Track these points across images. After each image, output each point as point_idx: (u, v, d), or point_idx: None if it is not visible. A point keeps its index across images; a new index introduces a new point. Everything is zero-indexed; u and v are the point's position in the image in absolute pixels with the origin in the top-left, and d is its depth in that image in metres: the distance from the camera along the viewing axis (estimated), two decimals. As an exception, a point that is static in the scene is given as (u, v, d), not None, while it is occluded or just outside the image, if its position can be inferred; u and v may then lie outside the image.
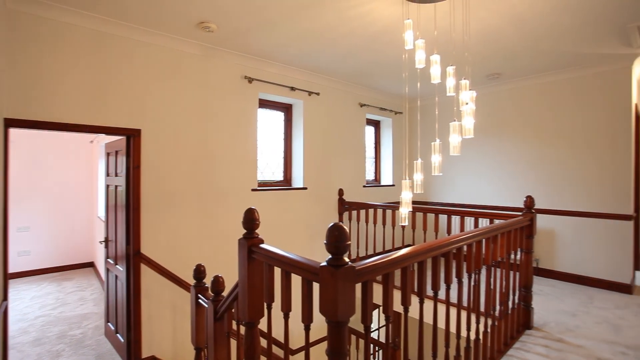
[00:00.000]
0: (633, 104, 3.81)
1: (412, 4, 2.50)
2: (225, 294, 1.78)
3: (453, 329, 2.83)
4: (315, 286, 1.18)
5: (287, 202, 4.02)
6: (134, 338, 2.89)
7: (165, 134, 3.09)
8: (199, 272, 1.97)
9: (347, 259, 1.12)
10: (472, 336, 2.73)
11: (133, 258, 2.90)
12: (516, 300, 2.85)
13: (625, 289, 3.74)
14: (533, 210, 2.76)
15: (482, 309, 2.35)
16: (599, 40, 3.24)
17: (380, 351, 4.88)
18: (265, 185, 3.99)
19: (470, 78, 4.36)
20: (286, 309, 1.37)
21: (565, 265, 4.17)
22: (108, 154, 3.45)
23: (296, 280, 1.34)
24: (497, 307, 2.49)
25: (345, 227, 1.11)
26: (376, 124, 5.55)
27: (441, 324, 3.54)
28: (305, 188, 4.17)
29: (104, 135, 3.19)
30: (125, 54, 2.86)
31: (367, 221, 4.14)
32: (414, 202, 5.61)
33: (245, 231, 1.52)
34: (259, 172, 3.99)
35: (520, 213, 2.81)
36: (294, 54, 3.56)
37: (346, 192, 4.66)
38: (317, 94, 4.28)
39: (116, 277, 3.18)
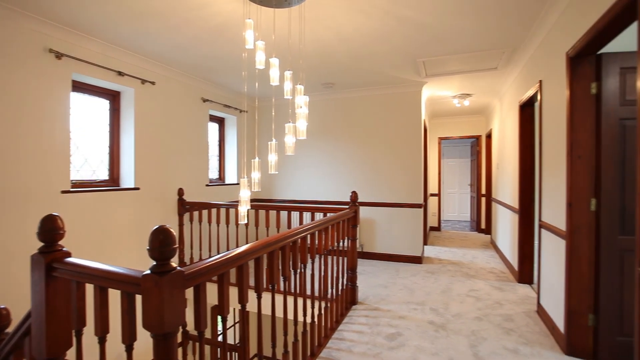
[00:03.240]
0: (422, 119, 4.99)
1: (253, 4, 2.54)
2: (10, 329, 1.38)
3: (292, 317, 3.04)
4: (139, 299, 1.05)
5: (114, 205, 3.44)
6: None
7: None
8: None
9: (174, 264, 1.04)
10: (309, 320, 3.01)
11: None
12: (345, 282, 3.30)
13: (417, 260, 4.88)
14: (357, 204, 3.25)
15: (317, 294, 2.61)
16: (401, 67, 4.09)
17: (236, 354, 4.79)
18: (83, 186, 3.29)
19: (306, 84, 4.79)
20: (102, 332, 1.17)
21: (382, 247, 5.10)
22: None
23: (116, 296, 1.16)
24: (330, 291, 2.82)
25: (171, 229, 1.02)
26: (221, 121, 5.40)
27: (285, 315, 3.75)
28: (137, 188, 3.66)
29: None
30: None
31: (210, 221, 3.97)
32: (258, 200, 5.77)
33: (42, 244, 1.21)
34: (73, 169, 3.26)
35: (347, 206, 3.27)
36: (124, 33, 3.06)
37: (188, 192, 4.35)
38: (153, 83, 3.82)
39: None
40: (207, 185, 4.76)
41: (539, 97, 3.11)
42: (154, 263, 1.01)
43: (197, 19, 2.82)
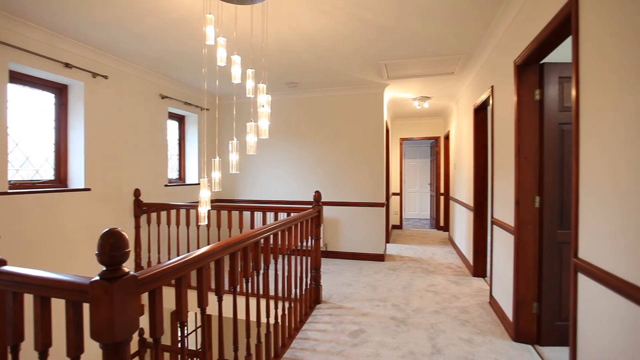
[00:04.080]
0: (384, 120, 5.13)
1: (214, -1, 2.47)
2: None
3: (255, 318, 2.99)
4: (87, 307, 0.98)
5: (62, 208, 3.19)
6: None
7: None
8: None
9: (126, 269, 0.98)
10: (272, 321, 2.98)
11: None
12: (309, 281, 3.31)
13: (380, 257, 5.01)
14: (320, 203, 3.27)
15: (280, 294, 2.60)
16: (364, 69, 4.17)
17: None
18: (23, 187, 3.02)
19: (270, 83, 4.74)
20: (43, 345, 1.08)
21: (345, 246, 5.17)
22: None
23: (60, 306, 1.08)
24: (294, 291, 2.81)
25: (123, 232, 0.97)
26: (181, 119, 5.20)
27: (247, 317, 3.68)
28: (87, 189, 3.43)
29: None
30: None
31: (169, 223, 3.81)
32: (221, 201, 5.63)
33: (-29, 252, 1.09)
34: (11, 169, 2.99)
35: (311, 206, 3.28)
36: (73, 22, 2.85)
37: (145, 193, 4.14)
38: (105, 77, 3.59)
39: None
40: (166, 185, 4.56)
41: (491, 102, 3.31)
42: (104, 269, 0.95)
43: (154, 11, 2.69)
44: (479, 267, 4.15)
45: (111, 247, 0.94)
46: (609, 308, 1.40)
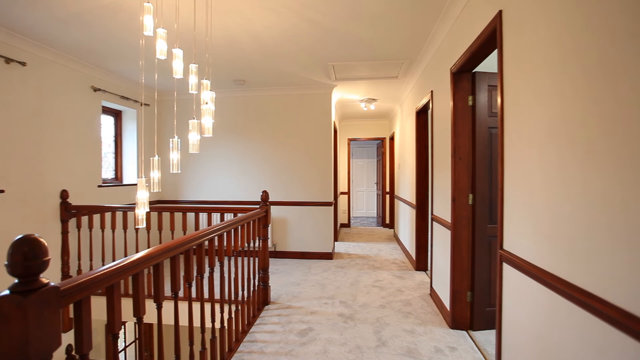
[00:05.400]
0: (332, 120, 5.21)
1: (152, -12, 2.31)
2: None
3: (199, 324, 2.88)
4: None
5: (-33, 213, 2.77)
6: None
7: None
8: None
9: (45, 280, 0.88)
10: (218, 326, 2.88)
11: None
12: (256, 283, 3.25)
13: (329, 256, 5.08)
14: (268, 203, 3.23)
15: (227, 297, 2.52)
16: (313, 69, 4.20)
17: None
18: None
19: (216, 80, 4.58)
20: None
21: (294, 245, 5.17)
22: None
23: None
24: (240, 293, 2.74)
25: (40, 239, 0.87)
26: (117, 114, 4.80)
27: (190, 323, 3.52)
28: (1, 191, 3.02)
29: None
30: None
31: (103, 227, 3.50)
32: (163, 202, 5.31)
33: None
34: None
35: (258, 206, 3.22)
36: (-27, -1, 2.48)
37: (75, 194, 3.76)
38: (23, 63, 3.19)
39: None
40: (99, 186, 4.18)
41: (431, 106, 3.52)
42: (16, 281, 0.84)
43: (82, -5, 2.44)
44: (421, 261, 4.40)
45: (25, 256, 0.83)
46: (529, 293, 1.56)
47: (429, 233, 3.95)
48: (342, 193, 8.32)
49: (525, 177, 1.60)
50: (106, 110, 4.55)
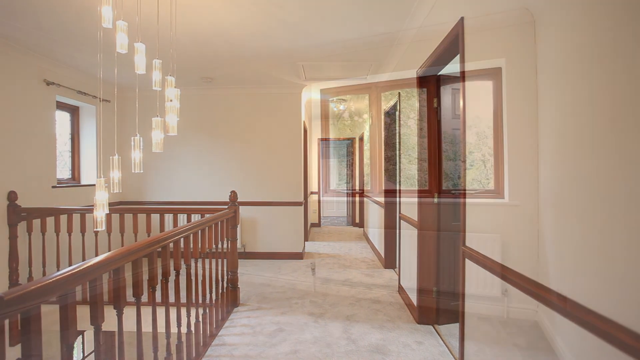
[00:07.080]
0: (302, 120, 5.21)
1: (112, -23, 2.19)
2: None
3: (164, 329, 2.77)
4: None
5: None
6: None
7: None
8: None
9: (-13, 289, 0.81)
10: (184, 330, 2.78)
11: None
12: (225, 284, 3.18)
13: (299, 256, 5.08)
14: (237, 203, 3.17)
15: (193, 300, 2.44)
16: (282, 68, 4.17)
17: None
18: None
19: (183, 77, 4.44)
20: None
21: (264, 246, 5.11)
22: None
23: None
24: (208, 295, 2.67)
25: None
26: (74, 110, 4.51)
27: (154, 328, 3.39)
28: (-61, 193, 2.75)
29: None
30: None
31: (58, 231, 3.28)
32: (126, 203, 5.07)
33: None
34: None
35: (227, 207, 3.15)
36: None
37: (27, 196, 3.49)
38: (-36, 54, 2.92)
39: None
40: (54, 187, 3.91)
41: (398, 107, 3.61)
42: (-47, 291, 0.77)
43: (33, -18, 2.27)
44: (390, 259, 4.50)
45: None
46: (489, 285, 1.64)
47: (397, 231, 4.05)
48: (313, 193, 8.33)
49: (481, 178, 1.68)
50: (62, 106, 4.26)
